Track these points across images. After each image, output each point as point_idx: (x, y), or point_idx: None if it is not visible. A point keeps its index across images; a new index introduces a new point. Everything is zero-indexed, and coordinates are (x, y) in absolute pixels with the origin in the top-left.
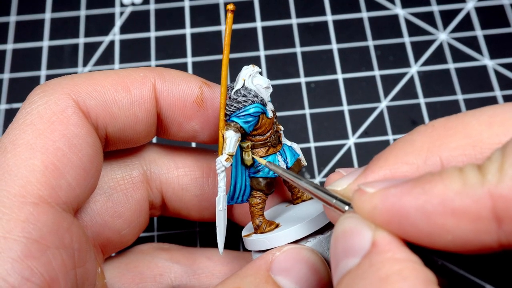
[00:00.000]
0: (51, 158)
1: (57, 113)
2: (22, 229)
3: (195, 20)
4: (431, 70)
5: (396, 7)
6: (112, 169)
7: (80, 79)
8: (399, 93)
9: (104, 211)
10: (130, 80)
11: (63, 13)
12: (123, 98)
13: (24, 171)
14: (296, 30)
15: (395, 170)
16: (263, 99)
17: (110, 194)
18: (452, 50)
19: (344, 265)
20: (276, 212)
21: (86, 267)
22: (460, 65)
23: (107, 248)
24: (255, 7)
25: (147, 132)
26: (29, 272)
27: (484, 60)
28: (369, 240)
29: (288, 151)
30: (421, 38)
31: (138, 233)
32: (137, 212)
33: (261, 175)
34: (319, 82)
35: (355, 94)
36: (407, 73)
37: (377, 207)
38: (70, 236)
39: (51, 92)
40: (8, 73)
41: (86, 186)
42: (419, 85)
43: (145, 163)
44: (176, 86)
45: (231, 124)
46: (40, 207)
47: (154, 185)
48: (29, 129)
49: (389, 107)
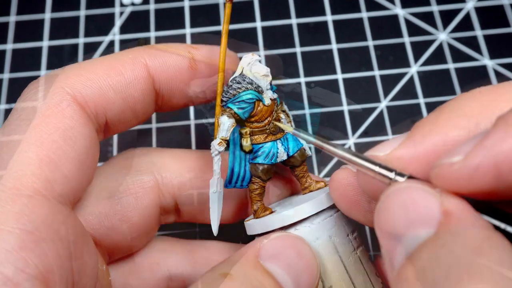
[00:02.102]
0: (46, 151)
1: (51, 107)
2: (16, 221)
3: (195, 20)
4: (431, 70)
5: (396, 7)
6: (122, 174)
7: (71, 71)
8: (399, 93)
9: (113, 214)
10: (121, 64)
11: (63, 13)
12: (117, 82)
13: (18, 164)
14: (295, 30)
15: (445, 134)
16: (258, 86)
17: (119, 198)
18: (452, 50)
19: (414, 236)
20: (284, 202)
21: (83, 260)
22: (460, 65)
23: (114, 252)
24: (254, 7)
25: (145, 111)
26: (23, 263)
27: (484, 60)
28: (439, 208)
29: (292, 140)
30: (421, 38)
31: (147, 239)
32: (146, 217)
33: (257, 161)
34: (319, 82)
35: (355, 94)
36: (407, 73)
37: (479, 166)
38: (66, 229)
39: (45, 87)
40: (7, 73)
41: (82, 178)
42: (419, 85)
43: (156, 168)
44: (168, 59)
45: (226, 110)
46: (34, 199)
47: (167, 190)
48: (23, 123)
49: (389, 107)
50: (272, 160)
